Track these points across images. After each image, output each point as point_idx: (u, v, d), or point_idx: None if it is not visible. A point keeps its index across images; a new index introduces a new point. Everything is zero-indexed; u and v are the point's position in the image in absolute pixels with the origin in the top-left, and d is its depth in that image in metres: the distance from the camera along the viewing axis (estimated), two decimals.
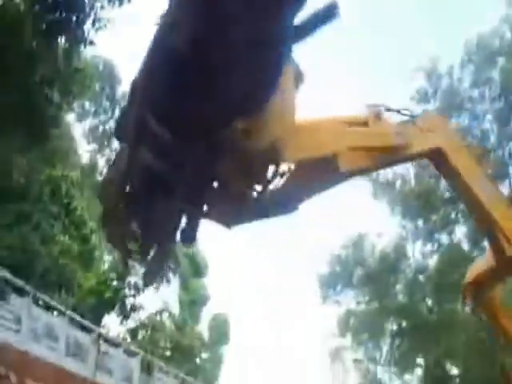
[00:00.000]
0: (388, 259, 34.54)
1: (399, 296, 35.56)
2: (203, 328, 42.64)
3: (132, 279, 25.25)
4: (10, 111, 19.79)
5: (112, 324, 24.52)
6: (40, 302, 14.38)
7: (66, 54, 20.62)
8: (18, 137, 19.80)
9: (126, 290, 24.94)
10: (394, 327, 36.16)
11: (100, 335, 15.37)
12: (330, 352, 41.54)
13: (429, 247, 33.23)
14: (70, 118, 31.15)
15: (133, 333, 25.91)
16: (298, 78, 7.40)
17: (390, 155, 9.43)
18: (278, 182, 7.78)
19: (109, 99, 38.00)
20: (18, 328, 12.19)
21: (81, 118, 36.20)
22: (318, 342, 41.99)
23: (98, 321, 21.49)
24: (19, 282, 12.81)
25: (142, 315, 26.26)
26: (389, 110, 9.19)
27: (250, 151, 7.18)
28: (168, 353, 28.20)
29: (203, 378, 33.60)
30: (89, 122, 37.94)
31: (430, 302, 33.91)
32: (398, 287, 35.50)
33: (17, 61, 19.27)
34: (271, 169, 7.46)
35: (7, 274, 12.24)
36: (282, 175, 7.84)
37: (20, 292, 12.58)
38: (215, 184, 7.18)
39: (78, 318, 14.87)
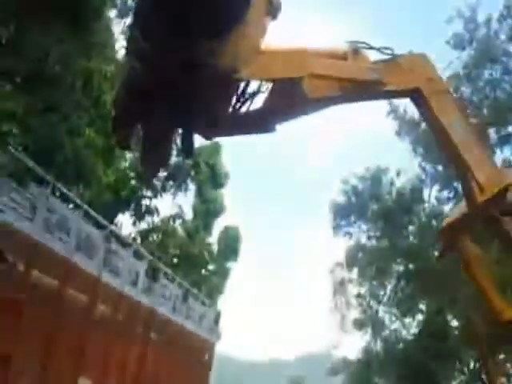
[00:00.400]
0: (404, 199, 34.44)
1: (410, 238, 35.44)
2: (214, 240, 42.70)
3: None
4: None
5: (125, 223, 24.72)
6: (57, 194, 14.28)
7: None
8: (58, 25, 19.43)
9: (144, 191, 24.95)
10: (401, 268, 36.14)
11: (111, 232, 15.28)
12: (334, 283, 41.75)
13: (445, 193, 33.02)
14: (112, 13, 30.63)
15: (144, 235, 25.98)
16: (274, 5, 8.22)
17: (364, 89, 9.84)
18: (252, 102, 8.86)
19: None
20: (32, 217, 12.08)
21: (122, 14, 35.61)
22: (324, 272, 42.04)
23: (111, 218, 21.52)
24: (40, 171, 12.67)
25: (155, 219, 26.28)
26: (370, 47, 9.63)
27: (213, 69, 7.91)
28: (176, 260, 28.27)
29: (207, 289, 33.81)
30: (129, 19, 37.38)
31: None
32: (411, 228, 35.43)
33: None
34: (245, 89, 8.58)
35: (29, 162, 12.08)
36: (252, 95, 8.84)
37: (39, 181, 12.44)
38: (194, 99, 7.98)
39: (92, 212, 14.74)
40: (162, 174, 25.47)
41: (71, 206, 15.27)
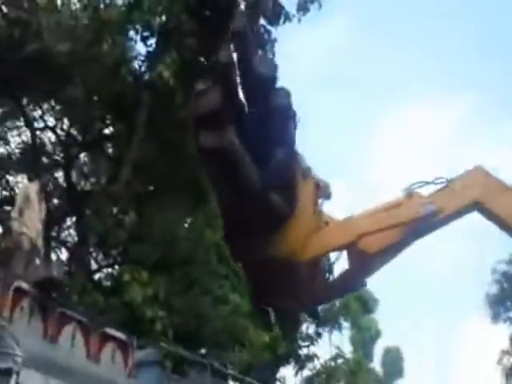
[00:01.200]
0: None
1: None
2: (376, 364, 41.62)
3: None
4: (172, 180, 20.12)
5: (288, 374, 24.43)
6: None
7: None
8: (180, 205, 20.03)
9: (300, 342, 24.81)
10: None
11: None
12: (503, 370, 39.78)
13: None
14: None
15: (308, 382, 25.60)
16: (323, 188, 9.15)
17: (422, 224, 10.15)
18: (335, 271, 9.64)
19: None
20: None
21: None
22: (489, 361, 40.26)
23: (274, 374, 21.35)
24: (197, 358, 12.66)
25: (316, 364, 25.96)
26: (426, 183, 10.05)
27: (278, 260, 8.86)
28: None
29: None
30: None
31: None
32: None
33: (172, 131, 19.58)
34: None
35: (184, 352, 12.08)
36: (332, 264, 9.66)
37: (197, 364, 12.37)
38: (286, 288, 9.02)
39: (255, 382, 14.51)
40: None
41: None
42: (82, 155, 25.50)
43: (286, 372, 24.60)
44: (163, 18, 19.96)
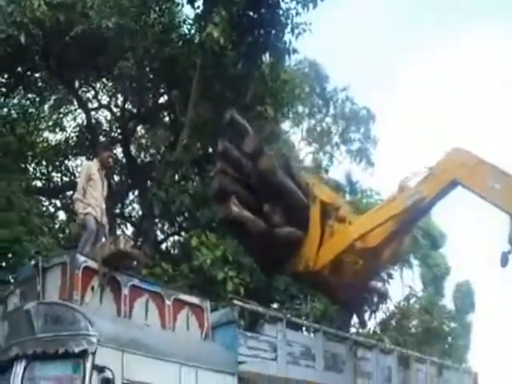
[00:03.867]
0: None
1: None
2: (448, 301, 41.23)
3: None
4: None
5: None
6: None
7: (272, 69, 20.43)
8: None
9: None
10: None
11: (355, 342, 14.74)
12: None
13: None
14: (286, 125, 31.09)
15: (383, 325, 25.29)
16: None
17: (413, 212, 12.61)
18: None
19: (320, 97, 37.62)
20: (275, 356, 11.82)
21: (296, 122, 36.08)
22: None
23: (347, 321, 21.04)
24: (270, 312, 12.50)
25: (389, 305, 25.65)
26: (414, 175, 12.61)
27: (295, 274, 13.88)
28: (419, 337, 27.17)
29: (455, 352, 32.18)
30: (305, 125, 37.83)
31: None
32: None
33: (225, 89, 19.30)
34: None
35: (258, 308, 11.93)
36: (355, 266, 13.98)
37: (272, 319, 12.20)
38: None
39: (331, 330, 14.31)
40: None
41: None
42: (139, 128, 25.50)
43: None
44: None
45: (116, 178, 24.32)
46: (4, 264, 16.56)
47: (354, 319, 23.07)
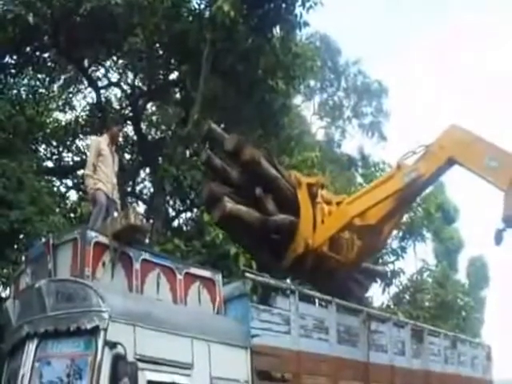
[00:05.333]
0: None
1: None
2: (461, 275, 41.16)
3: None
4: (241, 111, 19.80)
5: (375, 293, 24.24)
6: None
7: (282, 42, 20.31)
8: (252, 134, 19.70)
9: (385, 258, 24.55)
10: None
11: (369, 315, 14.69)
12: None
13: None
14: (297, 99, 30.94)
15: (396, 299, 25.40)
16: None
17: (411, 189, 12.61)
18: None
19: (332, 71, 37.43)
20: (288, 329, 11.79)
21: (308, 96, 35.92)
22: None
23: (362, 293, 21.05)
24: (283, 285, 12.44)
25: (403, 279, 25.74)
26: (413, 153, 12.62)
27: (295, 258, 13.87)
28: (433, 311, 27.22)
29: (469, 326, 32.19)
30: (317, 99, 37.67)
31: None
32: None
33: (236, 63, 19.18)
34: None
35: (270, 280, 11.88)
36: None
37: (284, 291, 12.17)
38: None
39: (344, 302, 14.26)
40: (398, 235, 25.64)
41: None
42: (150, 105, 25.43)
43: (374, 289, 24.47)
44: None
45: (127, 155, 24.31)
46: (16, 244, 16.58)
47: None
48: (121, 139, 12.66)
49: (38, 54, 22.75)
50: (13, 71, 22.79)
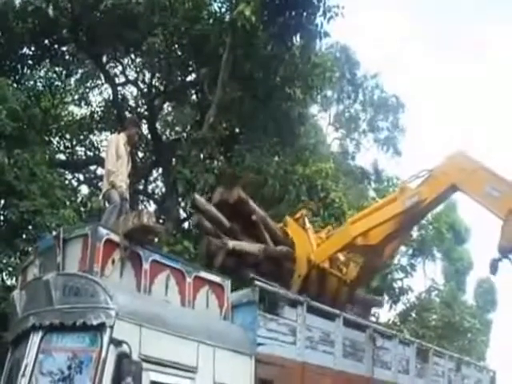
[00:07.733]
0: None
1: None
2: (469, 297, 40.97)
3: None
4: (257, 118, 19.83)
5: (383, 310, 24.11)
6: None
7: (302, 51, 20.34)
8: (267, 142, 19.71)
9: (394, 275, 24.49)
10: None
11: (375, 331, 14.64)
12: None
13: None
14: (314, 109, 30.95)
15: (402, 316, 25.32)
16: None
17: (412, 213, 12.83)
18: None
19: (350, 83, 37.45)
20: (294, 340, 11.76)
21: (325, 107, 35.94)
22: None
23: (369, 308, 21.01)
24: (291, 295, 12.43)
25: (410, 297, 25.67)
26: (416, 177, 12.85)
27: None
28: (439, 331, 27.11)
29: (473, 348, 32.02)
30: (334, 110, 37.67)
31: None
32: None
33: (255, 69, 19.24)
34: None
35: (279, 290, 11.86)
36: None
37: (293, 302, 12.15)
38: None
39: (351, 317, 14.23)
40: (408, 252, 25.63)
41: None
42: (166, 105, 25.50)
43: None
44: None
45: (140, 154, 24.36)
46: (25, 235, 16.63)
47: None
48: (136, 141, 12.62)
49: (56, 46, 22.88)
50: (30, 62, 22.92)
